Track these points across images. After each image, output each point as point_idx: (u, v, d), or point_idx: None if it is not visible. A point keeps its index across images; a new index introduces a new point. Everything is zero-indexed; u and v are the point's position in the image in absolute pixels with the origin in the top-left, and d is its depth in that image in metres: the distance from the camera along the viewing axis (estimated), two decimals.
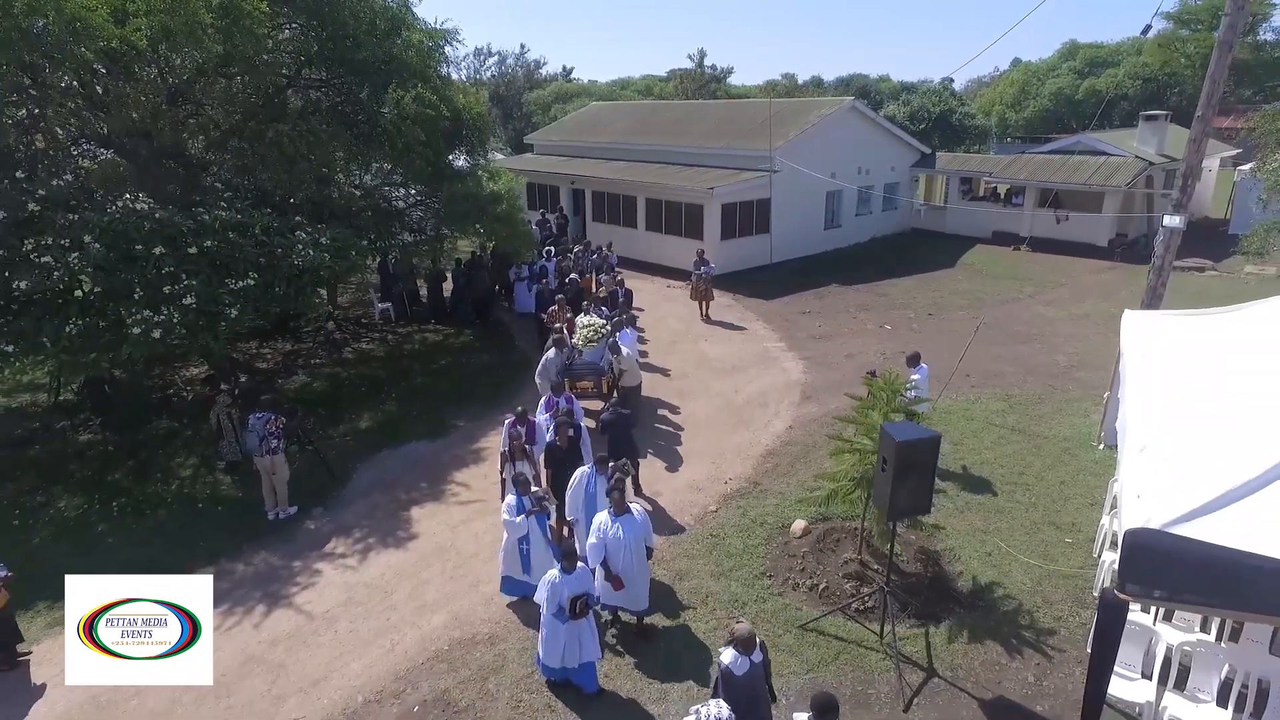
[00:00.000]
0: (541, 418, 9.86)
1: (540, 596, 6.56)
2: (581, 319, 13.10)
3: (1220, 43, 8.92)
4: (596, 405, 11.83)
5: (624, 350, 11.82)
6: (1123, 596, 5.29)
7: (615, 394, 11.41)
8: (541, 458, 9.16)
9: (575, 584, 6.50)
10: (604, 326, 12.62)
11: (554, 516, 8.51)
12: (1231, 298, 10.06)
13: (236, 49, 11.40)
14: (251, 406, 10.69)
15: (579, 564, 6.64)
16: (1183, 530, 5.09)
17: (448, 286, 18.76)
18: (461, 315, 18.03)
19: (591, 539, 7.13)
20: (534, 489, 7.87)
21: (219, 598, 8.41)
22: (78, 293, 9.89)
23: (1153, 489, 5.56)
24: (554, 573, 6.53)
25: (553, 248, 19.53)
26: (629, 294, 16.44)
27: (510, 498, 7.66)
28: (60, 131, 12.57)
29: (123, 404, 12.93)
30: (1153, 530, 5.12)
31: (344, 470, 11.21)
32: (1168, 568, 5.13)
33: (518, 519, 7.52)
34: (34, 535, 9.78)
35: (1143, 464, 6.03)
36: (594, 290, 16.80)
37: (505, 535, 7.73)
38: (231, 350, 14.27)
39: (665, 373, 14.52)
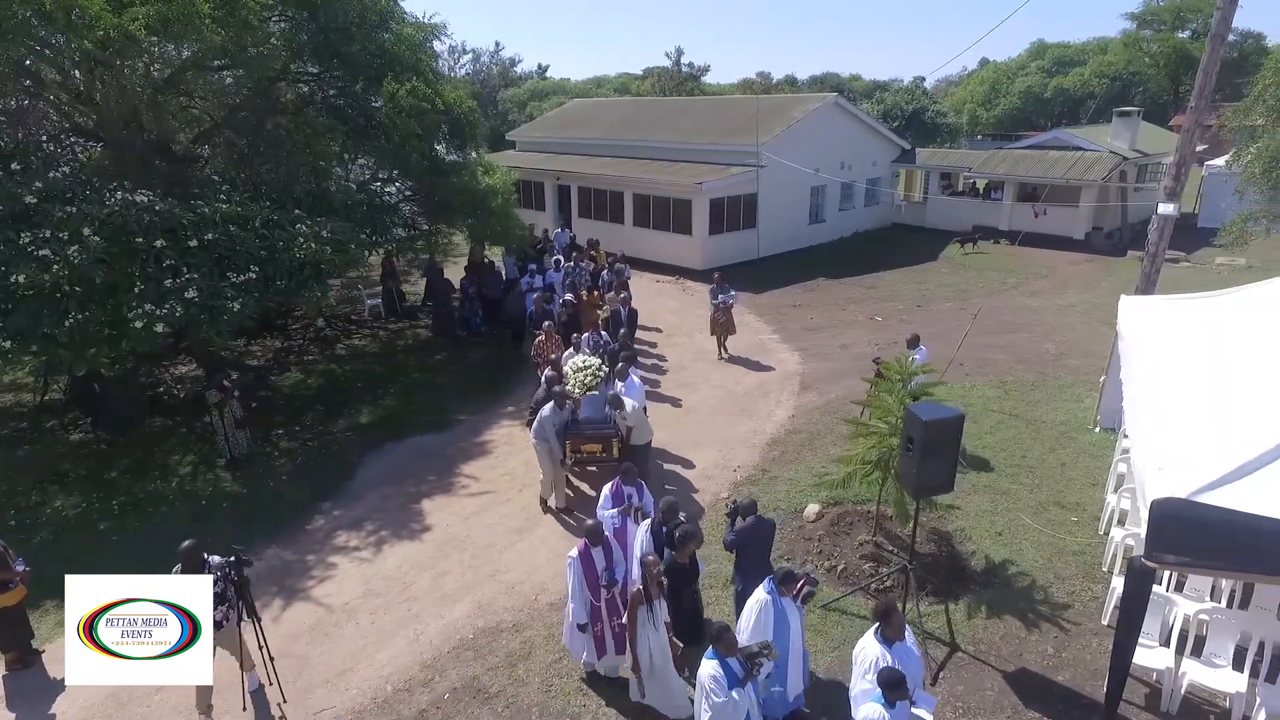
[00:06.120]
0: (606, 514, 7.46)
1: None
2: (571, 360, 10.72)
3: (1213, 35, 9.25)
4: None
5: (629, 404, 9.48)
6: (1151, 564, 5.48)
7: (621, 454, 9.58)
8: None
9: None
10: (601, 367, 10.41)
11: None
12: (1206, 288, 10.34)
13: (232, 40, 11.25)
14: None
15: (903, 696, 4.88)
16: (1207, 498, 5.30)
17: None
18: (473, 329, 16.43)
19: (864, 683, 5.15)
20: (748, 646, 5.47)
21: None
22: (77, 286, 9.67)
23: (1174, 461, 5.76)
24: (876, 708, 4.86)
25: (560, 258, 17.33)
26: (633, 315, 13.98)
27: (712, 666, 5.21)
28: (45, 126, 12.34)
29: (113, 403, 12.67)
30: (1180, 499, 5.32)
31: (349, 464, 11.13)
32: (1194, 535, 5.32)
33: (734, 694, 5.18)
34: (34, 535, 9.56)
35: (1159, 438, 6.25)
36: (597, 311, 14.17)
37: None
38: (221, 347, 14.05)
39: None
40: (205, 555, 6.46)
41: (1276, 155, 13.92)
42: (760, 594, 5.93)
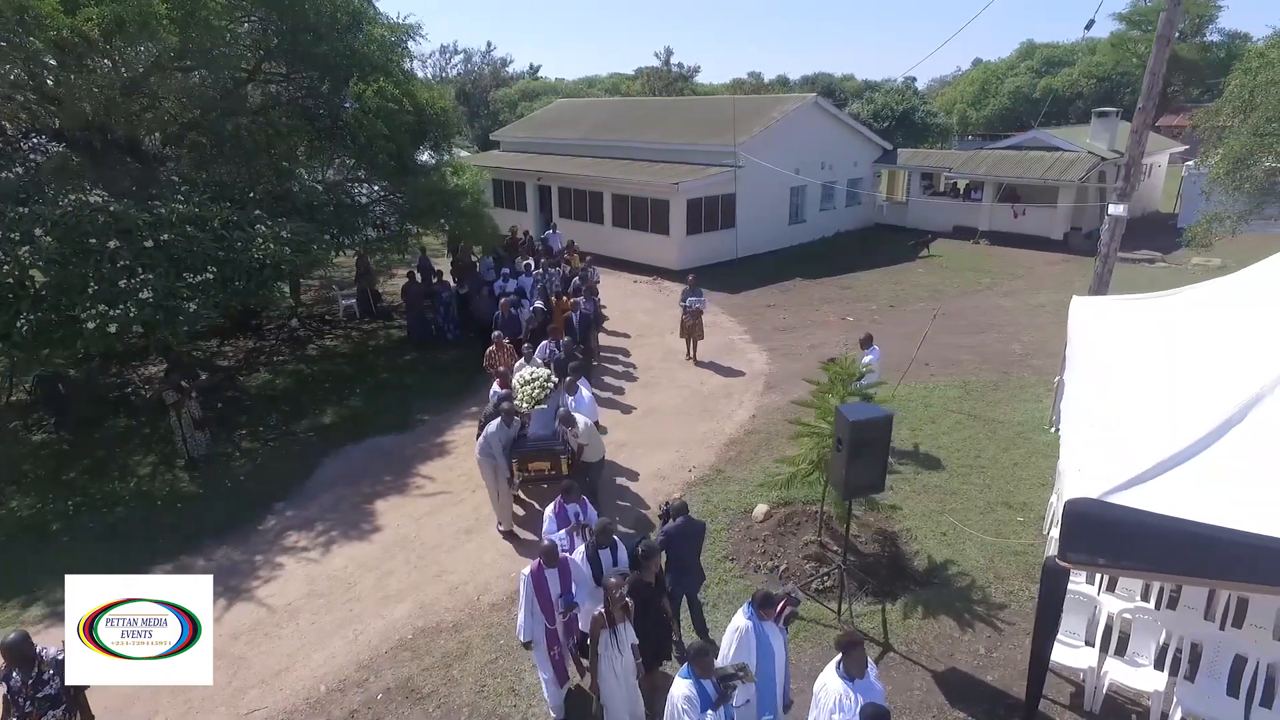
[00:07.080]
0: (557, 535, 7.05)
1: None
2: (520, 372, 10.27)
3: (1159, 36, 9.27)
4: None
5: (580, 421, 8.93)
6: (1064, 565, 5.51)
7: (572, 471, 9.14)
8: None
9: None
10: (550, 378, 9.99)
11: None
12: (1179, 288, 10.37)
13: (193, 41, 11.26)
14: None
15: None
16: (1119, 499, 5.31)
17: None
18: (453, 336, 16.11)
19: None
20: (722, 667, 5.07)
21: None
22: (29, 286, 9.69)
23: (1092, 462, 5.79)
24: None
25: (532, 261, 16.97)
26: (585, 320, 13.61)
27: (686, 686, 4.88)
28: (9, 126, 12.34)
29: (78, 403, 12.69)
30: (1091, 500, 5.33)
31: (308, 465, 11.15)
32: (1106, 536, 5.34)
33: (707, 717, 4.82)
34: None
35: (1085, 439, 6.28)
36: (561, 318, 13.77)
37: None
38: (192, 348, 14.06)
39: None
40: (37, 649, 5.34)
41: (1241, 156, 13.96)
42: (740, 620, 5.53)
